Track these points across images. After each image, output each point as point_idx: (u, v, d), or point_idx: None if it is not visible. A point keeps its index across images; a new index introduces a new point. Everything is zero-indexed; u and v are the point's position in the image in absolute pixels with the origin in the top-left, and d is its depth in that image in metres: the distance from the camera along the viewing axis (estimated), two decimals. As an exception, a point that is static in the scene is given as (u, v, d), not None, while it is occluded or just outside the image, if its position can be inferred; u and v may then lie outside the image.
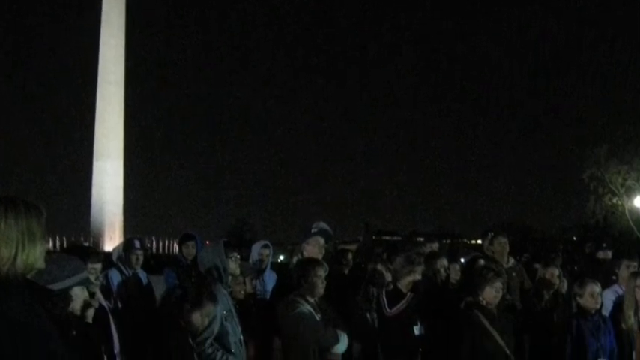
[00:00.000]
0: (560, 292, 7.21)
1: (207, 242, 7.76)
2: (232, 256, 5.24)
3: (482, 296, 5.89)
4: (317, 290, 5.47)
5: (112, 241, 31.03)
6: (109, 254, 7.78)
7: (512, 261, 8.08)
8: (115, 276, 7.07)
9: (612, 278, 7.24)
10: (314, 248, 6.51)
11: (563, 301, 6.99)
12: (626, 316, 6.23)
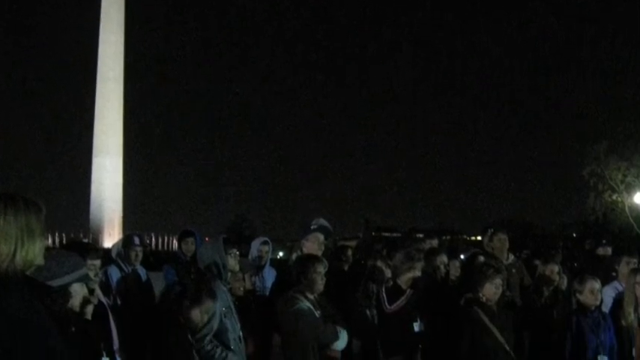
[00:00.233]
0: (560, 288, 7.20)
1: (207, 239, 7.78)
2: (231, 253, 5.23)
3: (482, 293, 5.88)
4: (316, 287, 5.46)
5: (111, 237, 31.00)
6: (108, 251, 7.77)
7: (512, 257, 8.08)
8: (114, 272, 7.06)
9: (612, 275, 7.24)
10: (313, 245, 6.51)
11: (563, 298, 6.98)
12: (626, 312, 6.22)
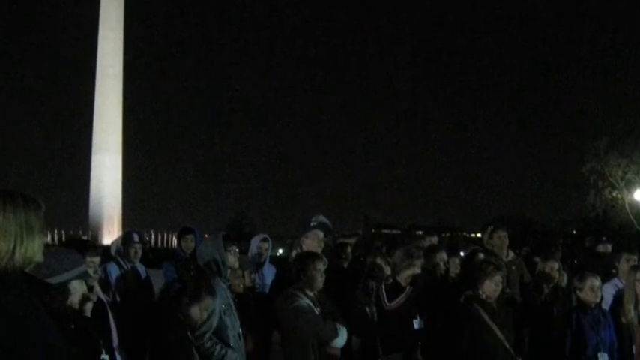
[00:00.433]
0: (560, 285, 7.20)
1: (206, 236, 7.76)
2: (231, 250, 5.23)
3: (482, 290, 5.88)
4: (316, 284, 5.46)
5: (111, 234, 31.06)
6: (108, 248, 7.77)
7: (511, 254, 8.07)
8: (114, 269, 7.06)
9: (612, 272, 7.23)
10: (313, 242, 6.49)
11: (562, 295, 6.98)
12: (626, 309, 6.22)
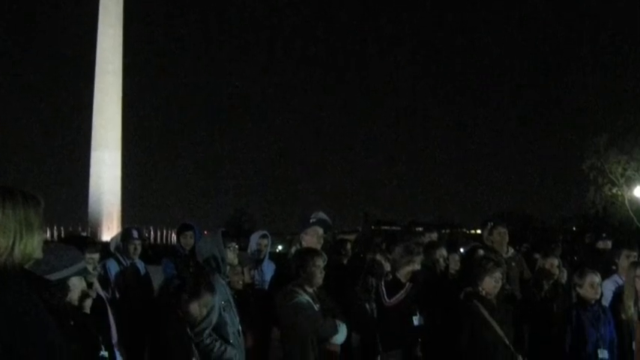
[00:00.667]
0: (560, 282, 7.20)
1: (206, 232, 7.75)
2: (231, 247, 5.23)
3: (482, 286, 5.87)
4: (315, 280, 5.46)
5: (110, 231, 31.10)
6: (107, 244, 7.76)
7: (511, 251, 8.06)
8: (113, 266, 7.05)
9: (612, 268, 7.23)
10: (313, 238, 6.49)
11: (562, 292, 6.98)
12: (626, 306, 6.22)
